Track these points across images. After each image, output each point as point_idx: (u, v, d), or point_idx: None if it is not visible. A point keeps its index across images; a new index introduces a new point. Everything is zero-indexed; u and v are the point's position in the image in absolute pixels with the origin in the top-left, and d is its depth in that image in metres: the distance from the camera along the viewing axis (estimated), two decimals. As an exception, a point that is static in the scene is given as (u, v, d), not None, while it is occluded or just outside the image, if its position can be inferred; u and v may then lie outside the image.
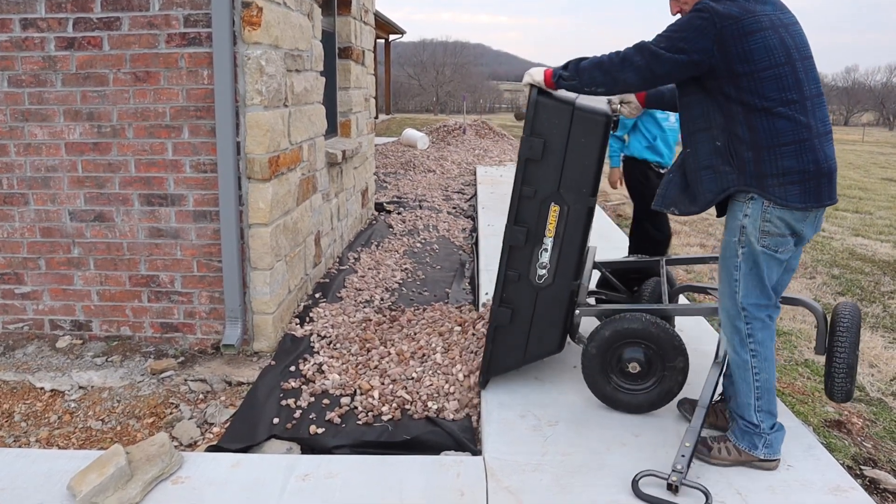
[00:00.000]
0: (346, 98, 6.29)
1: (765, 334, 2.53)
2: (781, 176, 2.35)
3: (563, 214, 2.93)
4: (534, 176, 2.91)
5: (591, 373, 3.00)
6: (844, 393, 2.70)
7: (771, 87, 2.30)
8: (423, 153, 13.58)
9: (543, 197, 2.92)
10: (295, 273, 4.24)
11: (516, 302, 3.07)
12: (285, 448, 2.89)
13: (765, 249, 2.44)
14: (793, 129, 2.32)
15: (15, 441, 3.01)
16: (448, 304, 4.50)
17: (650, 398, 2.96)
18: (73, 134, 3.63)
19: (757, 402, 2.55)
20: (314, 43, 4.56)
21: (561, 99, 2.84)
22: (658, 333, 2.89)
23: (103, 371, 3.54)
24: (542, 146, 2.86)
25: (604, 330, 2.96)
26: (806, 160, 2.33)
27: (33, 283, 3.84)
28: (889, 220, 8.91)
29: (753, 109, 2.34)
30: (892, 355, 4.13)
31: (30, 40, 3.54)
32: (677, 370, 2.90)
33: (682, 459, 2.47)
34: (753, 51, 2.28)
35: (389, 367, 3.50)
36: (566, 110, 2.82)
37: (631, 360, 2.93)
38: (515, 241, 2.98)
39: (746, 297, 2.51)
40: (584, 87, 2.60)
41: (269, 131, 3.58)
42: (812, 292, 5.44)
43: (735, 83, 2.34)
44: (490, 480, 2.51)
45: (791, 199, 2.35)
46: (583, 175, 2.87)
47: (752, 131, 2.36)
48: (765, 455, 2.56)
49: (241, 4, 3.40)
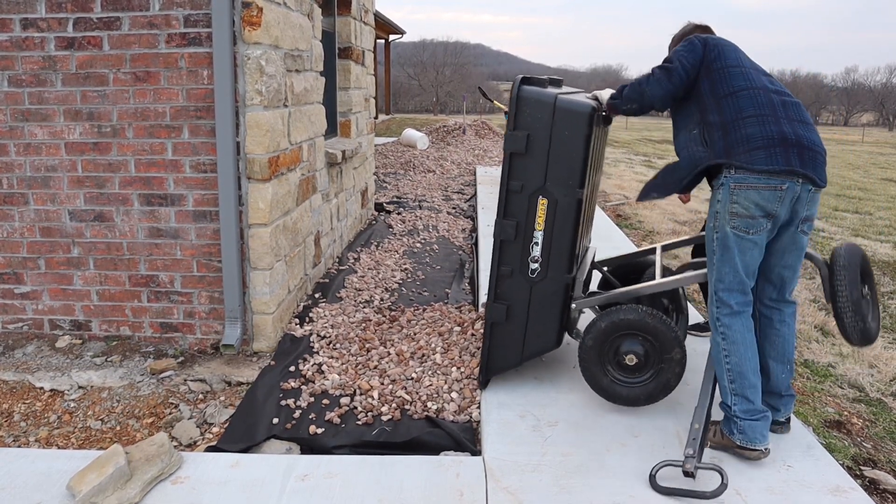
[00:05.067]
0: (346, 98, 6.29)
1: (733, 319, 2.64)
2: (746, 143, 2.56)
3: (552, 207, 2.95)
4: (520, 170, 2.95)
5: (588, 365, 3.00)
6: (859, 332, 2.70)
7: (737, 77, 2.66)
8: (423, 153, 13.58)
9: (531, 191, 2.95)
10: (295, 273, 4.24)
11: (511, 298, 3.07)
12: (285, 448, 2.89)
13: (734, 230, 2.58)
14: (754, 106, 2.60)
15: (14, 441, 3.01)
16: (448, 305, 4.50)
17: (647, 391, 2.94)
18: (73, 134, 3.63)
19: (730, 385, 2.64)
20: (314, 43, 4.56)
21: (542, 93, 2.90)
22: (655, 325, 2.88)
23: (103, 371, 3.54)
24: (526, 140, 2.91)
25: (600, 322, 2.95)
26: (769, 129, 2.55)
27: (33, 282, 3.84)
28: (889, 221, 8.91)
29: (722, 96, 2.66)
30: (892, 355, 4.13)
31: (30, 40, 3.54)
32: (675, 362, 2.89)
33: (693, 443, 2.53)
34: (726, 53, 2.72)
35: (389, 367, 3.50)
36: (548, 104, 2.87)
37: (628, 353, 2.92)
38: (506, 235, 3.01)
39: (718, 282, 2.66)
40: (623, 106, 2.93)
41: (268, 131, 3.58)
42: (812, 293, 5.45)
43: (710, 77, 2.70)
44: (489, 481, 2.51)
45: (757, 162, 2.53)
46: (569, 168, 2.91)
47: (720, 113, 2.65)
48: (740, 441, 2.62)
49: (242, 4, 3.40)
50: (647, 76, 2.83)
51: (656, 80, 2.79)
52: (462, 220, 7.55)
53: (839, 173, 15.24)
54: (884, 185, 12.99)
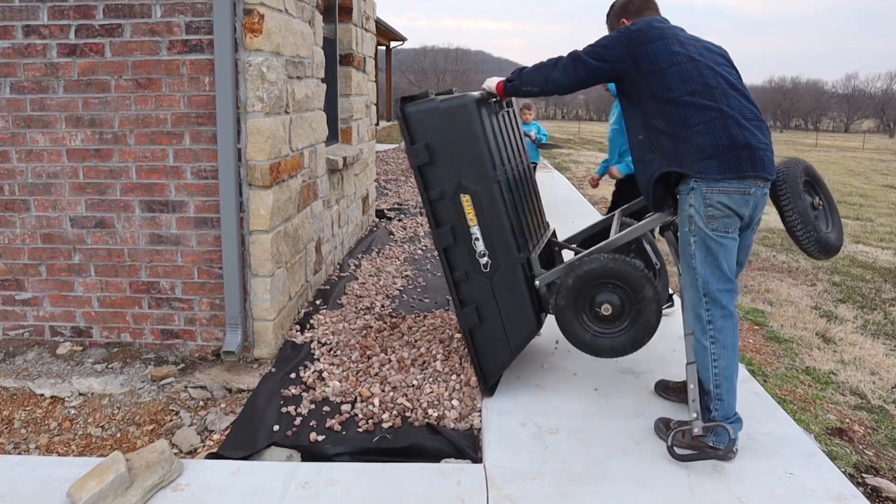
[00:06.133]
0: (347, 105, 6.30)
1: (725, 322, 2.65)
2: (697, 152, 2.56)
3: (476, 200, 3.01)
4: (433, 178, 3.05)
5: (568, 325, 2.98)
6: (815, 242, 2.71)
7: (676, 80, 2.60)
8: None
9: (451, 193, 3.02)
10: (296, 280, 4.24)
11: (476, 298, 3.11)
12: (285, 455, 2.88)
13: (714, 232, 2.60)
14: (699, 113, 2.57)
15: (15, 448, 3.01)
16: (449, 312, 4.50)
17: (632, 336, 2.93)
18: (75, 140, 3.63)
19: (715, 390, 2.66)
20: (315, 50, 4.57)
21: (423, 104, 3.03)
22: (619, 268, 2.86)
23: (103, 378, 3.53)
24: (426, 149, 3.01)
25: (566, 279, 2.94)
26: (717, 136, 2.54)
27: (34, 289, 3.84)
28: (890, 228, 8.91)
29: (664, 101, 2.63)
30: (894, 363, 4.13)
31: (32, 47, 3.55)
32: (649, 299, 2.86)
33: (693, 404, 2.66)
34: (657, 53, 2.64)
35: (390, 374, 3.50)
36: (431, 111, 3.00)
37: (602, 303, 2.92)
38: (446, 242, 3.08)
39: (706, 284, 2.65)
40: (522, 87, 2.95)
41: (270, 138, 3.58)
42: (813, 299, 5.44)
43: (646, 81, 2.66)
44: (490, 488, 2.50)
45: (709, 171, 2.54)
46: (474, 159, 2.98)
47: (666, 121, 2.64)
48: (713, 443, 2.65)
49: (243, 11, 3.41)
50: (553, 61, 2.84)
51: (562, 67, 2.80)
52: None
53: (840, 180, 15.24)
54: (885, 192, 12.99)
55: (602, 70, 2.73)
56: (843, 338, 4.57)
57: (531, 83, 2.90)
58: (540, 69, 2.88)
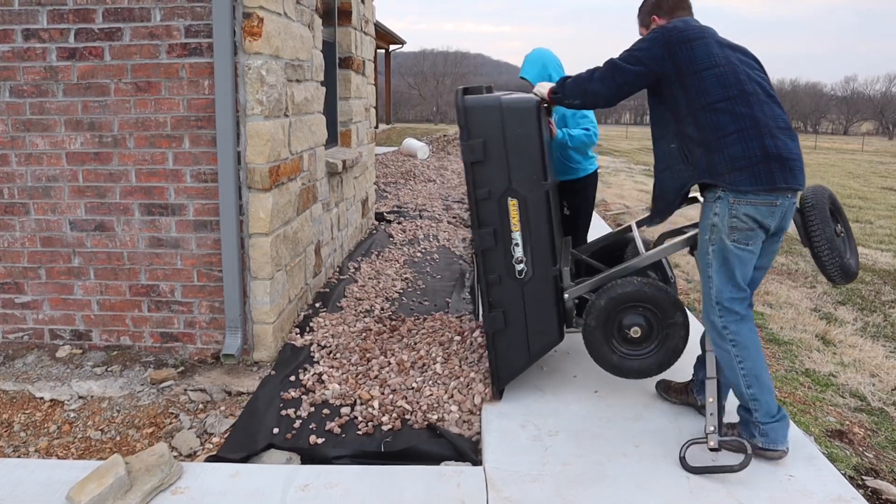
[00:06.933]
0: (347, 108, 6.31)
1: (741, 325, 2.64)
2: (729, 163, 2.51)
3: (523, 206, 2.98)
4: (484, 177, 2.98)
5: (596, 346, 3.00)
6: (838, 268, 2.71)
7: (713, 84, 2.53)
8: (424, 163, 13.61)
9: (499, 194, 2.98)
10: (295, 283, 4.24)
11: (505, 303, 3.08)
12: (285, 458, 2.88)
13: (735, 244, 2.57)
14: (734, 121, 2.51)
15: (14, 451, 3.00)
16: (448, 314, 4.50)
17: (658, 359, 2.97)
18: (75, 144, 3.64)
19: (748, 391, 2.64)
20: (315, 53, 4.58)
21: (487, 98, 2.96)
22: (653, 293, 2.90)
23: (103, 381, 3.53)
24: (483, 146, 2.95)
25: (599, 300, 2.96)
26: (751, 146, 2.49)
27: (33, 292, 3.84)
28: (889, 230, 8.92)
29: (698, 108, 2.56)
30: (894, 365, 4.13)
31: (31, 51, 3.55)
32: (679, 325, 2.92)
33: (711, 418, 2.62)
34: (696, 53, 2.57)
35: (390, 376, 3.50)
36: (495, 107, 2.93)
37: (632, 325, 2.94)
38: (486, 244, 3.04)
39: (720, 293, 2.64)
40: (566, 100, 2.91)
41: (269, 141, 3.59)
42: (812, 301, 5.44)
43: (682, 84, 2.59)
44: (490, 491, 2.50)
45: (741, 183, 2.50)
46: (530, 164, 2.95)
47: (699, 129, 2.57)
48: (763, 444, 2.65)
49: (242, 15, 3.42)
50: (590, 72, 2.78)
51: (599, 78, 2.73)
52: (463, 229, 7.55)
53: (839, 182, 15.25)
54: (884, 194, 13.00)
55: (641, 74, 2.65)
56: (843, 340, 4.57)
57: (573, 96, 2.85)
58: (579, 81, 2.81)
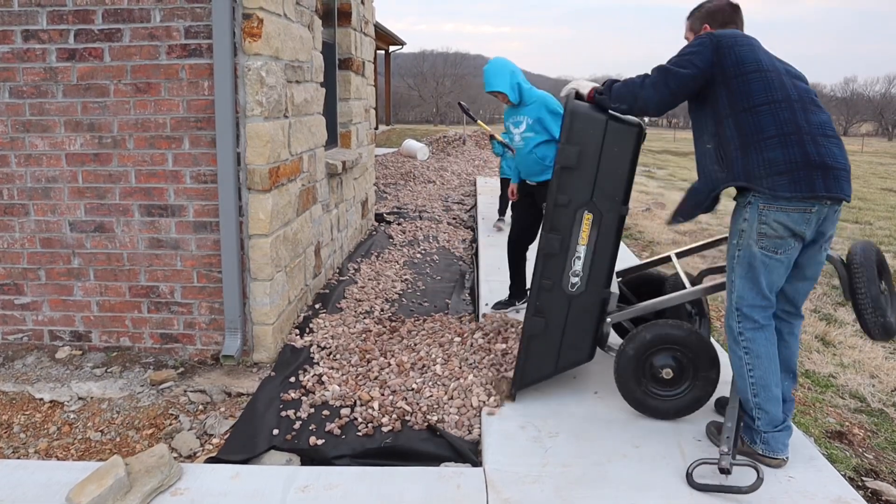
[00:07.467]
0: (347, 109, 6.31)
1: (757, 334, 2.62)
2: (767, 167, 2.45)
3: (597, 222, 2.97)
4: (568, 184, 2.94)
5: (624, 375, 3.00)
6: (880, 327, 2.69)
7: (758, 86, 2.49)
8: (424, 164, 13.61)
9: (577, 205, 2.95)
10: (295, 284, 4.24)
11: (549, 311, 3.07)
12: (285, 459, 2.88)
13: (763, 251, 2.53)
14: (776, 125, 2.46)
15: (14, 452, 3.00)
16: (448, 315, 4.50)
17: (678, 405, 2.98)
18: (74, 145, 3.64)
19: (754, 399, 2.64)
20: (314, 54, 4.58)
21: (594, 109, 2.91)
22: (698, 343, 2.92)
23: (103, 382, 3.53)
24: (578, 154, 2.90)
25: (645, 332, 2.97)
26: (792, 152, 2.43)
27: (33, 293, 3.84)
28: (889, 231, 8.92)
29: (740, 110, 2.51)
30: (893, 366, 4.12)
31: (31, 52, 3.55)
32: (710, 381, 2.94)
33: (727, 441, 2.57)
34: (743, 56, 2.54)
35: (389, 377, 3.50)
36: (600, 120, 2.88)
37: (665, 366, 2.95)
38: (551, 248, 3.00)
39: (740, 299, 2.62)
40: (611, 103, 2.83)
41: (269, 142, 3.59)
42: (812, 302, 5.44)
43: (727, 85, 2.54)
44: (490, 492, 2.50)
45: (780, 189, 2.43)
46: (616, 183, 2.93)
47: (739, 130, 2.51)
48: (762, 451, 2.65)
49: (242, 16, 3.42)
50: (641, 78, 2.72)
51: (651, 84, 2.66)
52: (462, 230, 7.55)
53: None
54: (883, 195, 13.00)
55: (693, 78, 2.59)
56: (843, 341, 4.57)
57: (620, 100, 2.78)
58: (628, 86, 2.74)
